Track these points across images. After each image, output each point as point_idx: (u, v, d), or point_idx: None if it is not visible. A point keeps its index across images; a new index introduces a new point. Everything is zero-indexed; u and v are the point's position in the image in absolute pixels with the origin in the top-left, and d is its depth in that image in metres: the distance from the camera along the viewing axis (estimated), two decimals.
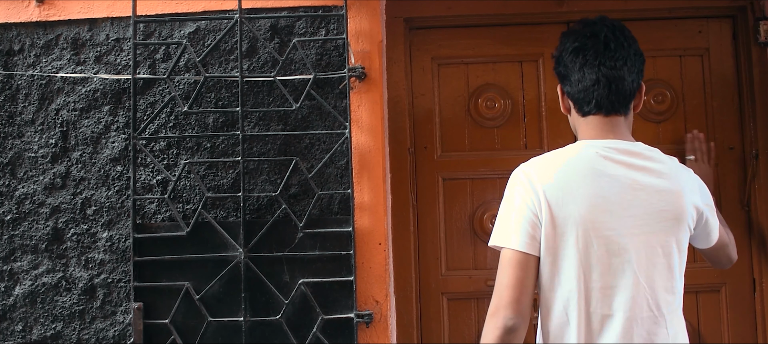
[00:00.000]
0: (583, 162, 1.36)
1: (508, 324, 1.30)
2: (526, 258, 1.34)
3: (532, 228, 1.35)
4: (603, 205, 1.32)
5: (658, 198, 1.34)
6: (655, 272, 1.33)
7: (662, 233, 1.34)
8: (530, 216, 1.35)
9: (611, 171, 1.34)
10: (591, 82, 1.39)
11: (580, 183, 1.34)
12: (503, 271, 1.35)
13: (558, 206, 1.33)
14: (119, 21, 2.18)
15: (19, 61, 2.20)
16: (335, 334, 2.04)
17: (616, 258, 1.32)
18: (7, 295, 2.14)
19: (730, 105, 2.32)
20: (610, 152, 1.36)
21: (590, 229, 1.32)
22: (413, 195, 2.31)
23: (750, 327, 2.27)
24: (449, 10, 2.32)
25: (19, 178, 2.17)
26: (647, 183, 1.34)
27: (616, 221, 1.32)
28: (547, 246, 1.34)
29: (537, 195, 1.35)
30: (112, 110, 2.16)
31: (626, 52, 1.40)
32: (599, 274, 1.32)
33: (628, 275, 1.32)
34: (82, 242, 2.13)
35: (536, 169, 1.38)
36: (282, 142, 2.12)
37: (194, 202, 2.12)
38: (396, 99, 2.30)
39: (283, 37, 2.15)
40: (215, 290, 2.06)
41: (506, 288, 1.33)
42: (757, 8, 2.29)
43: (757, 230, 2.27)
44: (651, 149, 1.40)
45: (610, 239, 1.32)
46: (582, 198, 1.33)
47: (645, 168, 1.36)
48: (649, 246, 1.33)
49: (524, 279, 1.33)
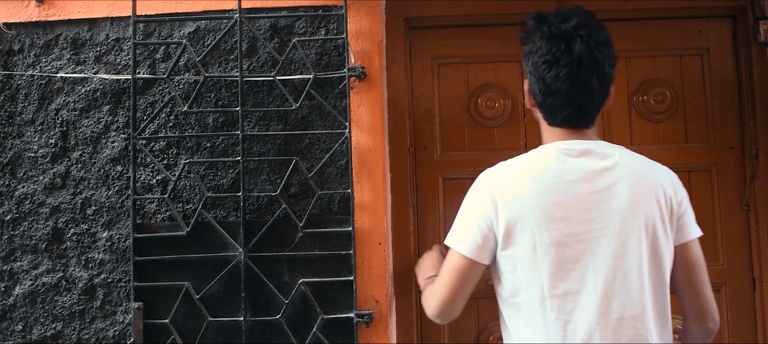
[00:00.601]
0: (539, 168, 1.36)
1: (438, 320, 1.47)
2: (470, 264, 1.38)
3: (482, 239, 1.37)
4: (560, 211, 1.31)
5: (620, 198, 1.31)
6: (622, 274, 1.30)
7: (628, 234, 1.30)
8: (483, 226, 1.37)
9: (568, 175, 1.33)
10: (561, 101, 1.36)
11: (536, 191, 1.33)
12: (446, 272, 1.43)
13: (515, 216, 1.34)
14: (119, 21, 2.18)
15: (18, 61, 2.20)
16: (335, 334, 2.04)
17: (576, 263, 1.30)
18: (7, 295, 2.14)
19: (730, 105, 2.32)
20: (568, 155, 1.36)
21: (548, 236, 1.31)
22: (413, 194, 2.31)
23: (750, 327, 2.27)
24: (449, 9, 2.32)
25: (18, 178, 2.17)
26: (606, 183, 1.32)
27: (573, 227, 1.31)
28: (505, 255, 1.35)
29: (494, 205, 1.36)
30: (112, 110, 2.16)
31: (600, 67, 1.34)
32: (559, 281, 1.31)
33: (590, 280, 1.30)
34: (82, 242, 2.13)
35: (495, 178, 1.40)
36: (282, 141, 2.12)
37: (194, 202, 2.12)
38: (396, 98, 2.30)
39: (283, 36, 2.15)
40: (215, 290, 2.06)
41: (444, 287, 1.42)
42: (757, 8, 2.29)
43: (757, 230, 2.27)
44: (613, 147, 1.37)
45: (568, 246, 1.31)
46: (539, 206, 1.32)
47: (605, 168, 1.33)
48: (612, 248, 1.30)
49: (463, 284, 1.40)
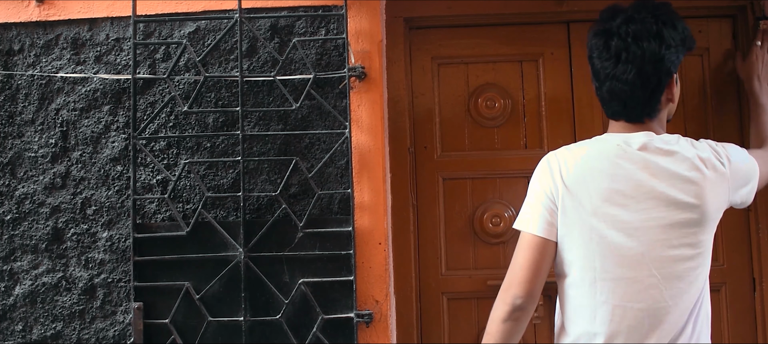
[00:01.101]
0: (602, 154, 1.39)
1: (517, 302, 1.39)
2: (543, 242, 1.40)
3: (550, 215, 1.40)
4: (616, 198, 1.35)
5: (679, 189, 1.34)
6: (668, 265, 1.33)
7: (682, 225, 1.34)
8: (548, 203, 1.40)
9: (628, 164, 1.36)
10: (607, 94, 1.43)
11: (595, 176, 1.36)
12: (520, 252, 1.42)
13: (575, 197, 1.37)
14: (119, 21, 2.18)
15: (19, 61, 2.20)
16: (335, 334, 2.04)
17: (629, 250, 1.33)
18: (7, 295, 2.14)
19: (730, 105, 2.32)
20: (630, 146, 1.38)
21: (604, 222, 1.34)
22: (413, 194, 2.31)
23: (750, 327, 2.27)
24: (449, 9, 2.32)
25: (19, 178, 2.17)
26: (668, 174, 1.35)
27: (628, 214, 1.34)
28: (563, 234, 1.39)
29: (556, 184, 1.39)
30: (112, 110, 2.16)
31: (641, 62, 1.37)
32: (611, 265, 1.34)
33: (640, 267, 1.33)
34: (82, 242, 2.13)
35: (559, 159, 1.42)
36: (282, 141, 2.12)
37: (194, 202, 2.12)
38: (396, 98, 2.30)
39: (283, 36, 2.15)
40: (215, 290, 2.06)
41: (520, 268, 1.40)
42: (757, 8, 2.28)
43: (757, 230, 2.27)
44: (675, 139, 1.40)
45: (623, 232, 1.34)
46: (596, 190, 1.36)
47: (667, 159, 1.36)
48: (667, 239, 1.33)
49: (539, 262, 1.39)
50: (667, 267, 1.33)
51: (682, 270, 1.34)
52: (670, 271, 1.33)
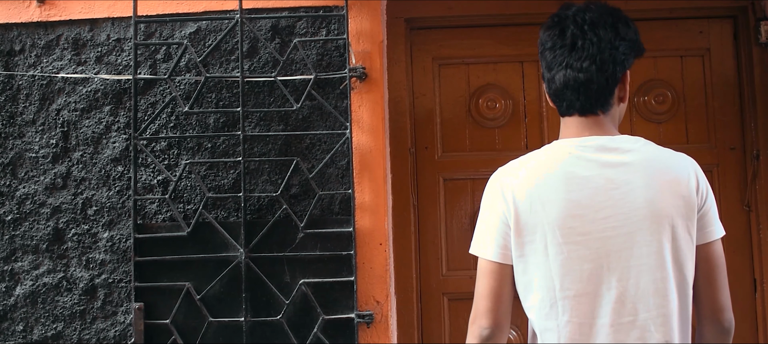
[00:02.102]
0: (554, 165, 1.30)
1: (484, 333, 1.33)
2: (500, 267, 1.34)
3: (504, 239, 1.32)
4: (573, 210, 1.26)
5: (637, 196, 1.25)
6: (637, 275, 1.24)
7: (645, 232, 1.24)
8: (501, 226, 1.32)
9: (583, 172, 1.28)
10: (560, 84, 1.33)
11: (549, 188, 1.28)
12: (479, 281, 1.37)
13: (527, 214, 1.29)
14: (120, 21, 2.18)
15: (20, 62, 2.20)
16: (336, 334, 2.04)
17: (590, 263, 1.25)
18: (8, 295, 2.14)
19: (731, 105, 2.32)
20: (584, 151, 1.29)
21: (559, 236, 1.26)
22: (414, 195, 2.31)
23: (750, 327, 2.27)
24: (450, 10, 2.32)
25: (19, 178, 2.17)
26: (623, 180, 1.26)
27: (588, 225, 1.26)
28: (517, 255, 1.31)
29: (507, 204, 1.31)
30: (113, 110, 2.16)
31: (597, 49, 1.31)
32: (572, 282, 1.26)
33: (605, 281, 1.25)
34: (83, 242, 2.13)
35: (508, 175, 1.34)
36: (283, 142, 2.12)
37: (195, 202, 2.12)
38: (397, 99, 2.30)
39: (284, 37, 2.15)
40: (216, 290, 2.06)
41: (481, 297, 1.35)
42: (758, 8, 2.29)
43: (758, 230, 2.26)
44: (633, 141, 1.31)
45: (581, 244, 1.25)
46: (551, 204, 1.27)
47: (622, 164, 1.27)
48: (629, 248, 1.24)
49: (498, 289, 1.33)
50: (632, 280, 1.24)
51: (649, 283, 1.24)
52: (636, 284, 1.24)
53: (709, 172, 2.29)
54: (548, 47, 1.37)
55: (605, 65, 1.31)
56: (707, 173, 1.38)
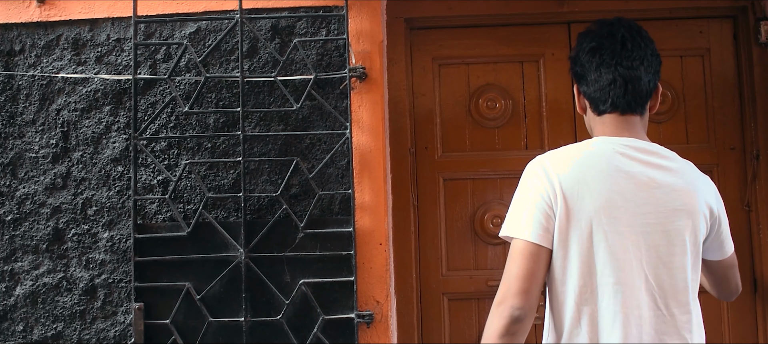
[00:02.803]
0: (600, 157, 1.35)
1: (515, 314, 1.29)
2: (538, 249, 1.32)
3: (546, 220, 1.33)
4: (618, 201, 1.31)
5: (674, 197, 1.33)
6: (666, 271, 1.31)
7: (676, 232, 1.32)
8: (544, 207, 1.33)
9: (628, 167, 1.34)
10: (607, 82, 1.39)
11: (596, 178, 1.33)
12: (513, 261, 1.33)
13: (573, 199, 1.32)
14: (120, 21, 2.18)
15: (20, 62, 2.20)
16: (336, 334, 2.04)
17: (627, 254, 1.31)
18: (8, 295, 2.14)
19: (730, 105, 2.32)
20: (627, 149, 1.36)
21: (604, 225, 1.31)
22: (414, 195, 2.31)
23: (750, 327, 2.27)
24: (450, 10, 2.32)
25: (19, 178, 2.17)
26: (663, 181, 1.33)
27: (629, 218, 1.31)
28: (560, 239, 1.33)
29: (553, 186, 1.33)
30: (113, 110, 2.16)
31: (643, 53, 1.41)
32: (611, 270, 1.30)
33: (638, 273, 1.31)
34: (83, 242, 2.13)
35: (553, 161, 1.37)
36: (283, 142, 2.12)
37: (195, 203, 2.12)
38: (397, 99, 2.30)
39: (284, 37, 2.15)
40: (216, 290, 2.06)
41: (515, 278, 1.31)
42: (758, 8, 2.29)
43: (758, 230, 2.26)
44: (667, 150, 1.39)
45: (622, 235, 1.31)
46: (597, 192, 1.32)
47: (661, 166, 1.35)
48: (661, 244, 1.32)
49: (535, 271, 1.32)
50: (664, 276, 1.31)
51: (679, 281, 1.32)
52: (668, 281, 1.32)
53: (709, 172, 2.28)
54: (594, 47, 1.42)
55: (649, 68, 1.40)
56: (707, 173, 1.40)
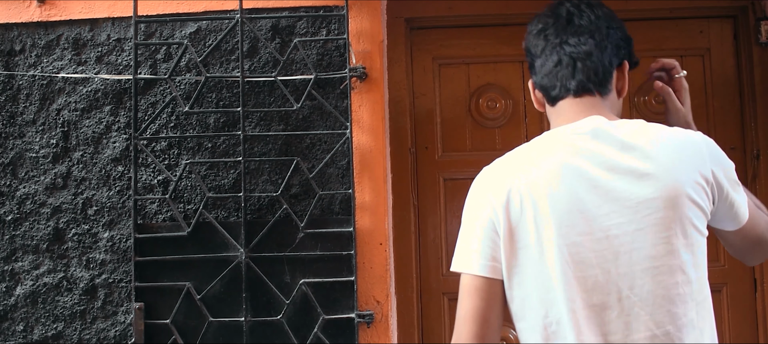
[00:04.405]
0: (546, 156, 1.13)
1: None
2: (488, 283, 1.12)
3: (493, 249, 1.12)
4: (571, 206, 1.08)
5: (644, 185, 1.07)
6: (649, 281, 1.06)
7: (656, 227, 1.06)
8: (490, 233, 1.13)
9: (579, 161, 1.10)
10: (553, 64, 1.20)
11: (542, 184, 1.10)
12: (462, 301, 1.14)
13: (517, 216, 1.11)
14: (120, 21, 2.18)
15: (20, 61, 2.20)
16: (336, 334, 2.04)
17: (595, 269, 1.07)
18: (8, 295, 2.14)
19: (731, 105, 2.32)
20: (578, 138, 1.13)
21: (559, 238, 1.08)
22: (414, 195, 2.31)
23: (751, 327, 2.27)
24: (450, 10, 2.32)
25: (20, 178, 2.17)
26: (627, 168, 1.09)
27: (588, 223, 1.07)
28: (509, 266, 1.11)
29: (493, 207, 1.13)
30: (114, 110, 2.16)
31: (594, 26, 1.19)
32: (577, 292, 1.06)
33: (611, 289, 1.06)
34: (83, 242, 2.13)
35: (493, 174, 1.19)
36: (283, 142, 2.12)
37: (195, 202, 2.12)
38: (397, 99, 2.30)
39: (284, 37, 2.15)
40: (216, 290, 2.06)
41: (465, 321, 1.12)
42: (758, 8, 2.29)
43: None
44: (634, 123, 1.15)
45: (584, 246, 1.07)
46: (545, 200, 1.09)
47: (624, 149, 1.10)
48: (638, 246, 1.06)
49: (485, 310, 1.11)
50: (646, 286, 1.06)
51: (667, 288, 1.06)
52: (652, 291, 1.06)
53: None
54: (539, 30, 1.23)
55: (603, 41, 1.19)
56: None
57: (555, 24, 1.21)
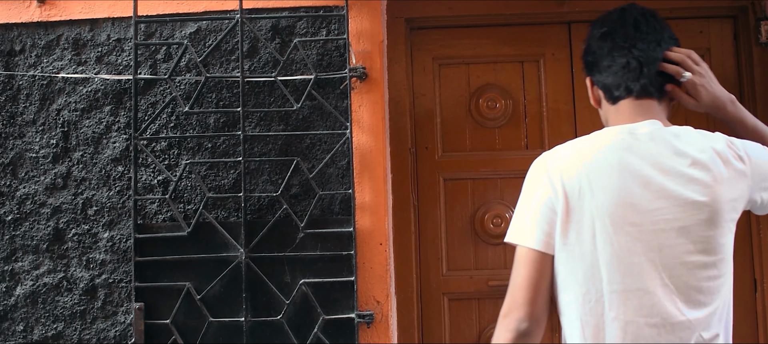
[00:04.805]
0: (606, 149, 1.24)
1: (521, 327, 1.22)
2: (542, 257, 1.24)
3: (549, 226, 1.24)
4: (625, 198, 1.19)
5: (692, 189, 1.19)
6: (685, 273, 1.18)
7: (696, 227, 1.18)
8: (547, 211, 1.24)
9: (636, 159, 1.21)
10: (621, 66, 1.29)
11: (600, 174, 1.21)
12: (517, 270, 1.25)
13: (575, 199, 1.22)
14: (120, 21, 2.18)
15: (20, 62, 2.20)
16: (336, 334, 2.04)
17: (639, 257, 1.18)
18: (9, 295, 2.14)
19: None
20: (638, 137, 1.23)
21: (610, 225, 1.19)
22: (414, 195, 2.31)
23: (751, 327, 2.27)
24: (450, 10, 2.32)
25: (20, 179, 2.17)
26: (679, 171, 1.20)
27: (639, 215, 1.19)
28: (561, 242, 1.23)
29: (554, 187, 1.23)
30: (114, 110, 2.16)
31: (659, 35, 1.32)
32: (620, 276, 1.18)
33: (653, 276, 1.18)
34: (83, 242, 2.14)
35: (555, 159, 1.27)
36: (283, 142, 2.12)
37: (195, 202, 2.12)
38: (397, 99, 2.30)
39: (284, 37, 2.15)
40: (216, 290, 2.06)
41: (519, 288, 1.24)
42: (758, 8, 2.29)
43: (758, 230, 2.26)
44: (686, 131, 1.26)
45: (632, 236, 1.19)
46: (601, 190, 1.20)
47: (677, 154, 1.21)
48: (681, 241, 1.18)
49: (539, 280, 1.23)
50: (683, 277, 1.18)
51: (700, 280, 1.18)
52: (686, 281, 1.18)
53: None
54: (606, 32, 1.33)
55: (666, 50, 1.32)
56: None
57: (623, 28, 1.32)
